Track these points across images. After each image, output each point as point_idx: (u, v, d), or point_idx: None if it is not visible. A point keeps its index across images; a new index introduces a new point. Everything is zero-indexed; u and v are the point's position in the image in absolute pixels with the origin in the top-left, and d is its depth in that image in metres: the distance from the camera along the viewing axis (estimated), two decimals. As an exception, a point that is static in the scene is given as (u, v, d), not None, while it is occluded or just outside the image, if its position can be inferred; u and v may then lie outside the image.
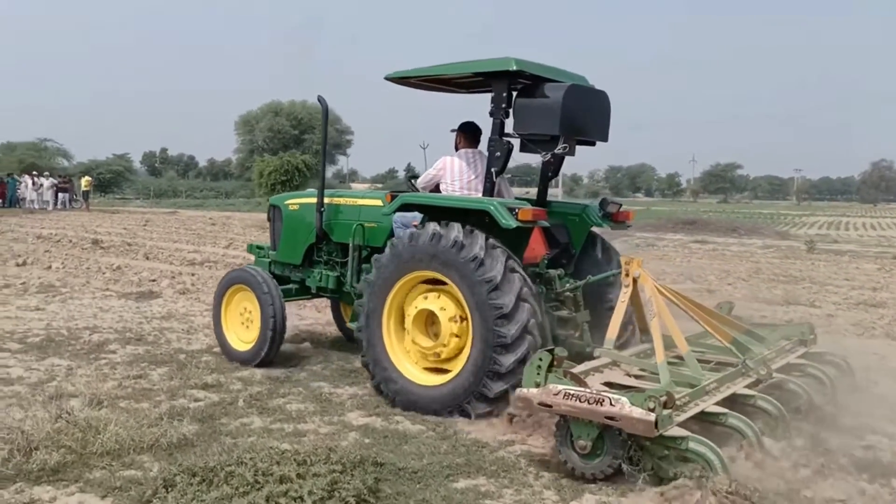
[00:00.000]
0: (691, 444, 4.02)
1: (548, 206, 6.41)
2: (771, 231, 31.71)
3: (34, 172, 40.74)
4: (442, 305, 5.65)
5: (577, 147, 6.10)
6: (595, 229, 6.44)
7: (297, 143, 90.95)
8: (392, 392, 5.79)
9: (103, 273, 13.29)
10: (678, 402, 4.29)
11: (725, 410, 4.45)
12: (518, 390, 4.58)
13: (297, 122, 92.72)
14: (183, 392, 6.05)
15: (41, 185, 38.95)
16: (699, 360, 5.18)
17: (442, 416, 5.47)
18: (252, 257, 8.25)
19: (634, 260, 5.33)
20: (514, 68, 5.69)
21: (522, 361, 5.07)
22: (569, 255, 6.42)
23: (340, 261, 6.93)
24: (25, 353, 7.24)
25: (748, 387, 4.96)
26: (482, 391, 5.34)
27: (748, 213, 56.37)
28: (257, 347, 6.82)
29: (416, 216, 6.08)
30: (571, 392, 4.23)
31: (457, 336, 5.59)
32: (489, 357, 5.29)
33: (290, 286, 7.39)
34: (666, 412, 4.03)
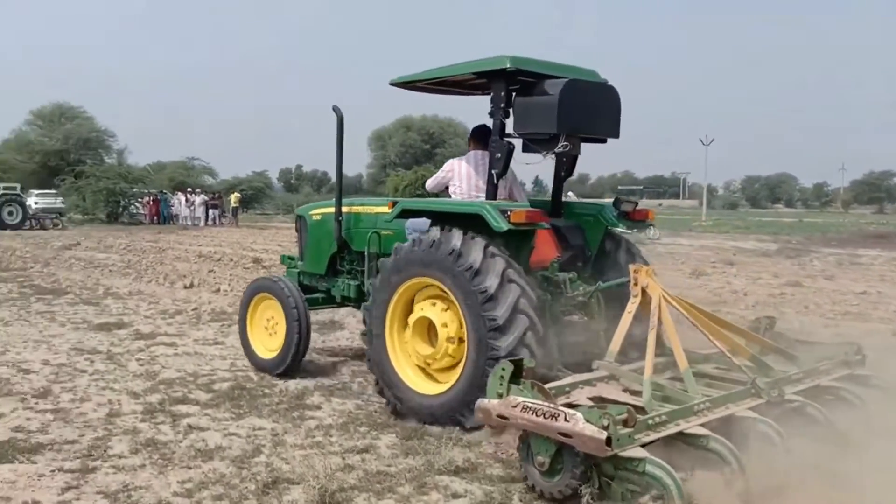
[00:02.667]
0: (648, 467, 3.76)
1: (562, 208, 6.43)
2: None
3: (188, 189, 41.77)
4: (440, 313, 5.52)
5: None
6: (624, 232, 6.26)
7: (428, 158, 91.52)
8: (393, 398, 5.72)
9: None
10: (654, 421, 4.13)
11: (707, 433, 4.12)
12: (479, 401, 4.39)
13: (429, 136, 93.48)
14: (432, 480, 4.47)
15: (193, 202, 39.88)
16: (719, 378, 5.14)
17: (441, 425, 5.35)
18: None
19: (644, 269, 5.19)
20: (509, 66, 5.52)
21: (519, 344, 5.08)
22: (584, 258, 6.21)
23: (361, 269, 6.84)
24: (216, 406, 5.95)
25: (753, 408, 4.59)
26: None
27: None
28: (282, 356, 6.87)
29: (427, 222, 5.87)
30: (529, 405, 4.04)
31: (454, 345, 5.45)
32: (483, 368, 5.07)
33: (317, 295, 7.46)
34: (624, 431, 3.85)
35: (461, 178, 6.29)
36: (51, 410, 5.75)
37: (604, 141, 6.09)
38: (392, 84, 6.47)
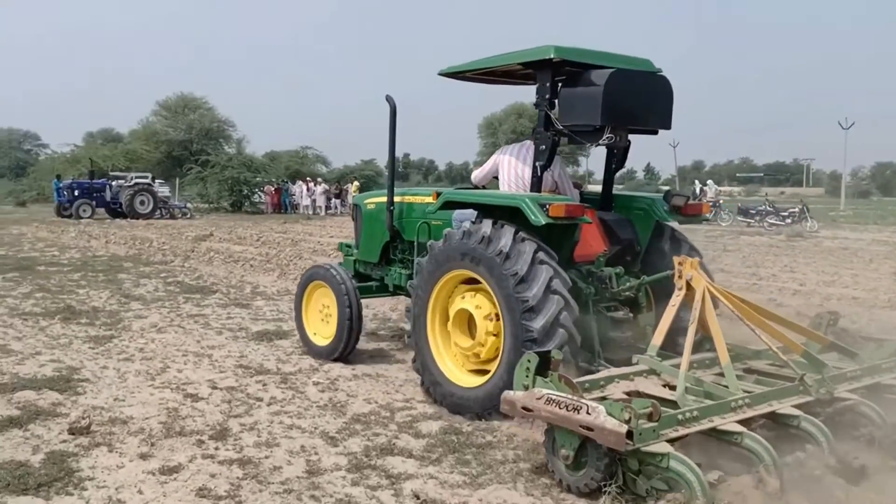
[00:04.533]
0: (672, 463, 3.64)
1: (612, 201, 6.35)
2: None
3: (307, 179, 41.58)
4: (478, 304, 5.50)
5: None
6: (674, 224, 6.18)
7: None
8: (439, 395, 5.70)
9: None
10: (684, 417, 4.01)
11: (741, 430, 3.97)
12: (505, 392, 4.36)
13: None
14: None
15: (314, 191, 39.61)
16: (771, 375, 5.01)
17: (483, 419, 5.26)
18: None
19: (689, 261, 5.04)
20: (553, 56, 5.45)
21: None
22: (634, 253, 6.12)
23: (412, 259, 6.72)
24: (437, 462, 4.68)
25: (799, 406, 4.40)
26: None
27: None
28: (335, 343, 6.98)
29: (473, 213, 5.82)
30: (553, 398, 3.99)
31: (494, 335, 5.39)
32: (520, 355, 4.62)
33: (371, 283, 7.46)
34: (647, 425, 3.73)
35: (507, 170, 6.18)
36: (236, 462, 4.57)
37: (655, 132, 5.98)
38: (441, 74, 6.44)
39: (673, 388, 4.57)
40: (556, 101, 5.71)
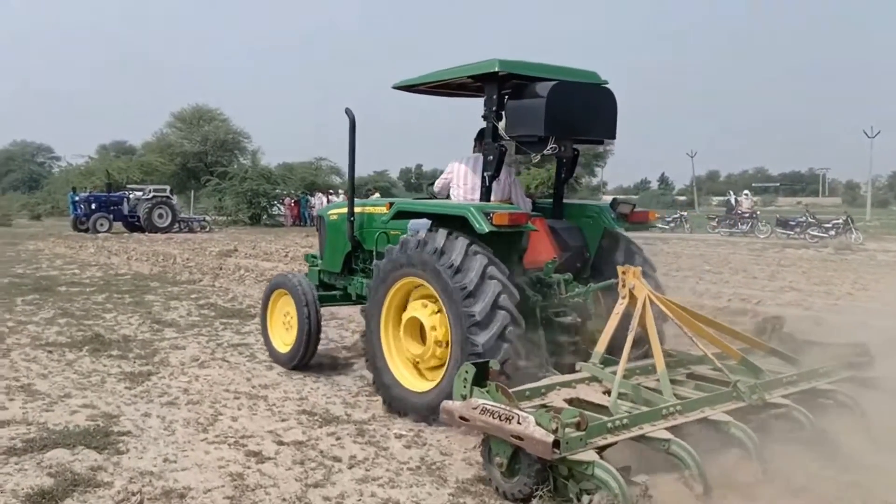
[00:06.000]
0: (596, 471, 3.75)
1: (562, 210, 6.53)
2: None
3: (329, 191, 40.73)
4: (430, 314, 5.62)
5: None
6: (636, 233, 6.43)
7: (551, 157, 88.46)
8: (388, 397, 5.85)
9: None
10: (614, 425, 4.12)
11: (669, 437, 4.08)
12: (444, 402, 4.45)
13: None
14: None
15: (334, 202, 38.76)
16: (713, 381, 5.05)
17: (430, 423, 5.39)
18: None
19: (631, 270, 5.21)
20: (498, 69, 5.60)
21: (499, 339, 5.15)
22: (583, 259, 6.28)
23: (372, 268, 6.47)
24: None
25: (732, 412, 4.48)
26: None
27: None
28: (295, 350, 7.13)
29: (427, 223, 5.79)
30: (489, 407, 4.11)
31: (442, 343, 5.51)
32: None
33: (335, 293, 7.59)
34: (574, 434, 3.84)
35: (460, 180, 6.42)
36: (334, 557, 3.57)
37: (600, 142, 6.28)
38: (395, 87, 6.63)
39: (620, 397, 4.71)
40: (503, 112, 5.88)
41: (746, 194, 34.45)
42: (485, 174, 5.96)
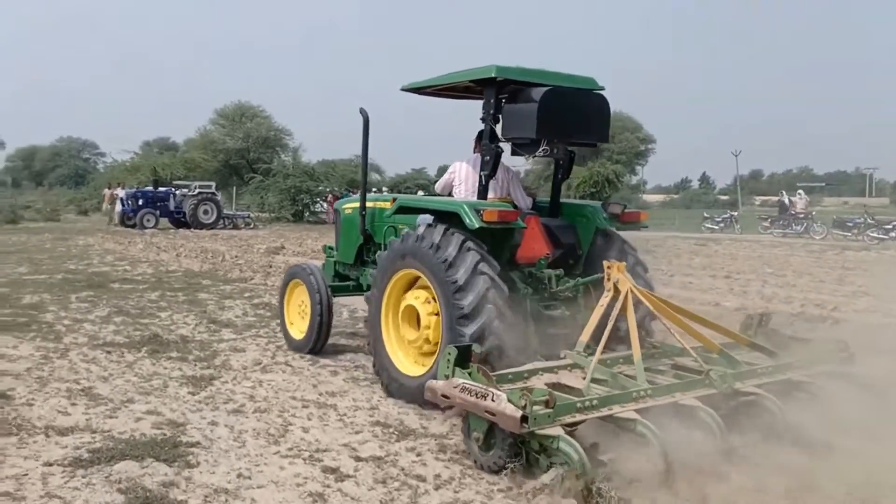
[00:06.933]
0: (560, 444, 4.11)
1: (559, 209, 6.85)
2: None
3: (374, 189, 40.56)
4: (425, 301, 5.95)
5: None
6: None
7: (595, 153, 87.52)
8: (386, 380, 6.20)
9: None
10: (584, 405, 4.46)
11: (636, 417, 4.41)
12: (429, 381, 4.86)
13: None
14: None
15: (376, 200, 38.58)
16: (693, 371, 5.29)
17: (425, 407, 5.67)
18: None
19: (616, 265, 5.49)
20: (495, 75, 5.90)
21: (484, 331, 5.46)
22: (575, 256, 6.57)
23: None
24: None
25: (702, 399, 4.79)
26: None
27: None
28: (307, 336, 7.55)
29: (431, 218, 6.10)
30: (467, 386, 4.47)
31: (432, 332, 5.86)
32: None
33: (348, 283, 7.91)
34: (543, 411, 4.17)
35: (462, 179, 6.76)
36: None
37: (594, 145, 6.65)
38: (403, 90, 6.97)
39: (594, 380, 5.01)
40: (500, 115, 6.18)
41: (800, 194, 33.39)
42: (481, 174, 6.25)
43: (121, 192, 32.30)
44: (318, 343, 7.52)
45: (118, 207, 31.61)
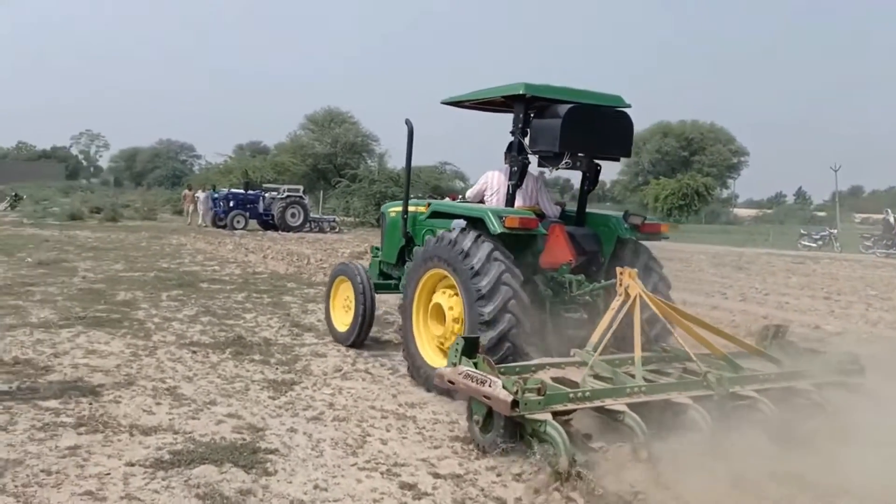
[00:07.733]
0: (548, 428, 4.46)
1: (585, 218, 7.23)
2: None
3: (458, 195, 40.61)
4: (449, 297, 6.41)
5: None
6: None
7: (685, 165, 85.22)
8: (420, 376, 6.64)
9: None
10: (577, 396, 4.85)
11: (624, 409, 4.73)
12: (438, 368, 5.45)
13: (687, 142, 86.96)
14: None
15: (460, 207, 38.54)
16: (696, 374, 5.49)
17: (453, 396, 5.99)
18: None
19: (627, 271, 5.85)
20: (524, 92, 6.30)
21: (502, 339, 5.89)
22: (598, 263, 6.90)
23: None
24: None
25: (695, 398, 5.03)
26: None
27: None
28: (350, 330, 8.12)
29: (464, 223, 6.46)
30: (470, 373, 4.89)
31: (458, 324, 6.28)
32: None
33: (391, 281, 8.39)
34: (534, 398, 4.56)
35: (493, 188, 7.16)
36: None
37: (616, 159, 7.07)
38: (443, 103, 7.49)
39: (596, 377, 5.43)
40: (528, 129, 6.57)
41: (889, 212, 31.52)
42: (509, 183, 6.72)
43: (201, 195, 33.33)
44: (360, 336, 8.06)
45: (200, 209, 32.60)
